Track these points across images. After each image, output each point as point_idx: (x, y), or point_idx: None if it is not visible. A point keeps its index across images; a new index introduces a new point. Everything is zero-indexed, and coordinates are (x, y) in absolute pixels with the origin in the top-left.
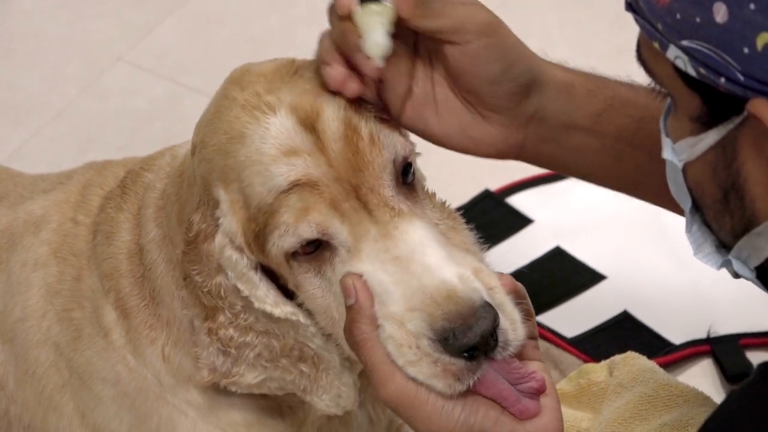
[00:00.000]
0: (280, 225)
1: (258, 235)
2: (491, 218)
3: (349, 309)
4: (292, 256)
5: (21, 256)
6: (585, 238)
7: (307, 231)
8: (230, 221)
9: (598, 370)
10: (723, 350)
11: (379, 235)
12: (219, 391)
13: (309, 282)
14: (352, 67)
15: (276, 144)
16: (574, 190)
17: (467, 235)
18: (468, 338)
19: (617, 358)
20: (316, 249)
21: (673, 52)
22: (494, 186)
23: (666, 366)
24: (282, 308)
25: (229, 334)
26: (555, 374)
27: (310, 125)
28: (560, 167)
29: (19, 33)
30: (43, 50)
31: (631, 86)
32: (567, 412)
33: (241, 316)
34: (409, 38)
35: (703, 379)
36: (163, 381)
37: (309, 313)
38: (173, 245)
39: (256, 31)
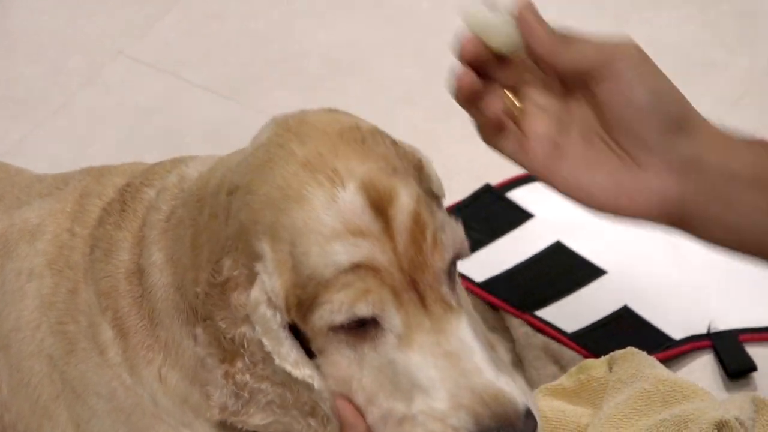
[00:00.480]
0: (335, 301)
1: (303, 302)
2: (491, 213)
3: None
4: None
5: (16, 264)
6: (585, 233)
7: (364, 311)
8: (274, 281)
9: (598, 366)
10: (723, 346)
11: (433, 329)
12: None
13: (339, 352)
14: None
15: (342, 219)
16: None
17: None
18: None
19: (617, 353)
20: (360, 326)
21: None
22: (495, 180)
23: (666, 361)
24: (301, 370)
25: (245, 379)
26: (555, 369)
27: (381, 209)
28: (732, 236)
29: (20, 27)
30: (43, 45)
31: None
32: (566, 408)
33: (260, 366)
34: (549, 85)
35: (703, 374)
36: (158, 402)
37: (323, 376)
38: (182, 269)
39: (258, 25)
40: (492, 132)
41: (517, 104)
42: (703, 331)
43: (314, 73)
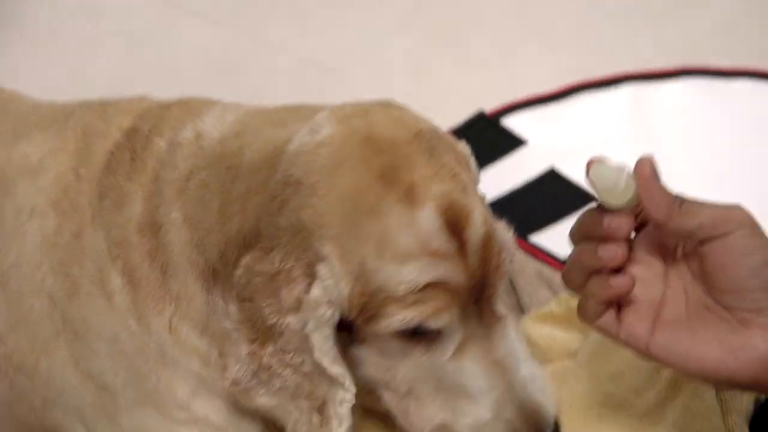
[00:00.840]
0: (407, 316)
1: (368, 309)
2: (485, 140)
3: None
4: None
5: (15, 202)
6: (578, 159)
7: (433, 325)
8: (341, 287)
9: None
10: None
11: (485, 337)
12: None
13: (389, 348)
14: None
15: (419, 240)
16: (568, 112)
17: None
18: None
19: None
20: (419, 333)
21: None
22: (488, 107)
23: None
24: (336, 367)
25: (270, 362)
26: (547, 294)
27: (457, 230)
28: None
29: None
30: None
31: None
32: (557, 335)
33: (290, 354)
34: (654, 245)
35: None
36: (167, 350)
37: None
38: (204, 231)
39: None
40: (600, 310)
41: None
42: None
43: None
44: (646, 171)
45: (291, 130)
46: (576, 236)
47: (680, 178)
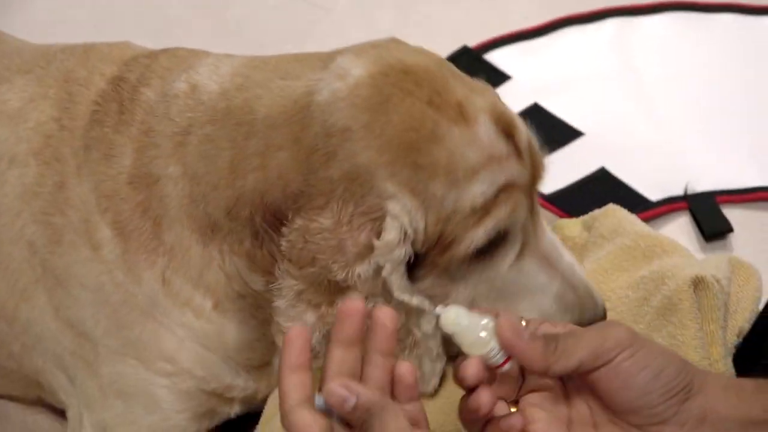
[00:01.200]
0: (487, 224)
1: (444, 235)
2: (469, 74)
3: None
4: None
5: None
6: (562, 95)
7: (511, 226)
8: (417, 220)
9: (572, 226)
10: (700, 207)
11: (533, 234)
12: (213, 318)
13: (450, 279)
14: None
15: (483, 150)
16: (552, 47)
17: None
18: None
19: (597, 211)
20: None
21: None
22: (472, 42)
23: (644, 222)
24: (416, 298)
25: None
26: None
27: (508, 133)
28: None
29: None
30: None
31: None
32: None
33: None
34: (547, 386)
35: (680, 236)
36: (158, 302)
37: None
38: (209, 187)
39: None
40: None
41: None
42: (679, 192)
43: None
44: (507, 334)
45: (307, 81)
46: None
47: (663, 111)
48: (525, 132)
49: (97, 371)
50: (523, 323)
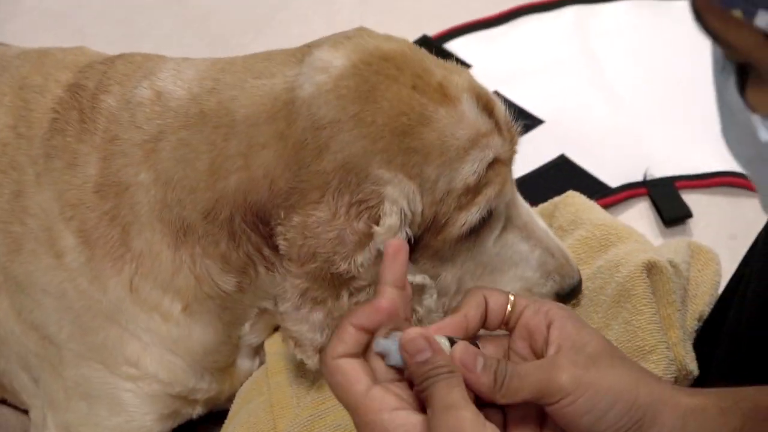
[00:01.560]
0: (479, 202)
1: (439, 216)
2: None
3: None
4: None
5: None
6: (523, 83)
7: (501, 203)
8: (415, 203)
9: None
10: (659, 193)
11: (513, 205)
12: (181, 322)
13: (439, 259)
14: None
15: (470, 129)
16: (512, 35)
17: None
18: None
19: (557, 199)
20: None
21: (765, 19)
22: (432, 32)
23: (603, 209)
24: (418, 276)
25: (345, 310)
26: None
27: (489, 109)
28: None
29: None
30: None
31: None
32: None
33: (366, 290)
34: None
35: (640, 221)
36: (123, 308)
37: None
38: (185, 191)
39: None
40: None
41: None
42: (639, 178)
43: None
44: (461, 363)
45: (284, 77)
46: None
47: (622, 98)
48: (501, 106)
49: (62, 374)
50: (511, 298)
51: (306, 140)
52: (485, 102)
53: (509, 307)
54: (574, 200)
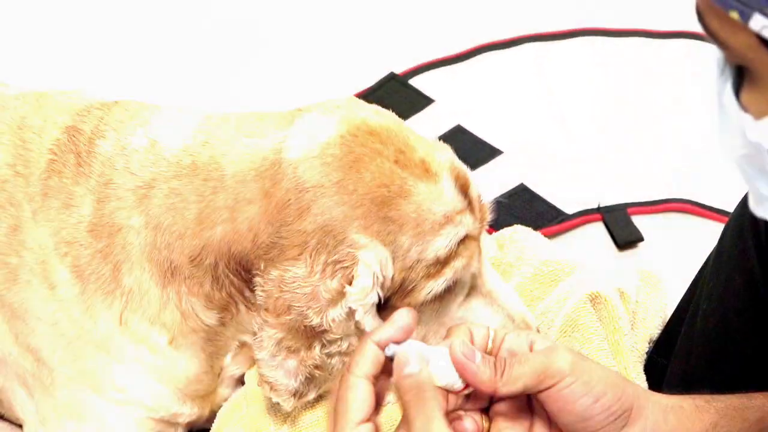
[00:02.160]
0: (446, 273)
1: (407, 282)
2: (396, 99)
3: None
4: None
5: None
6: (484, 116)
7: (467, 275)
8: (387, 269)
9: (489, 245)
10: (612, 218)
11: (480, 275)
12: (167, 353)
13: (421, 314)
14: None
15: (446, 207)
16: (474, 71)
17: None
18: None
19: (505, 232)
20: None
21: (759, 22)
22: (399, 69)
23: (560, 233)
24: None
25: (320, 361)
26: None
27: (465, 187)
28: None
29: None
30: None
31: (747, 395)
32: None
33: (338, 343)
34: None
35: (594, 244)
36: (114, 340)
37: None
38: (174, 236)
39: None
40: None
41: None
42: (594, 205)
43: None
44: (459, 358)
45: (273, 138)
46: None
47: (578, 130)
48: (476, 184)
49: (53, 394)
50: (491, 333)
51: (289, 200)
52: (463, 181)
53: (492, 333)
54: (519, 236)
